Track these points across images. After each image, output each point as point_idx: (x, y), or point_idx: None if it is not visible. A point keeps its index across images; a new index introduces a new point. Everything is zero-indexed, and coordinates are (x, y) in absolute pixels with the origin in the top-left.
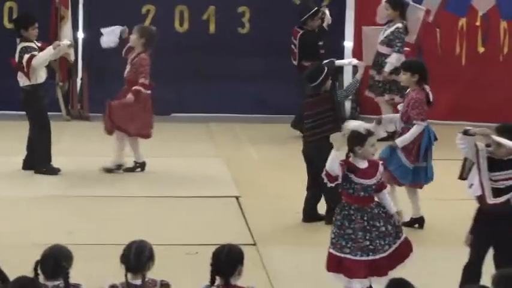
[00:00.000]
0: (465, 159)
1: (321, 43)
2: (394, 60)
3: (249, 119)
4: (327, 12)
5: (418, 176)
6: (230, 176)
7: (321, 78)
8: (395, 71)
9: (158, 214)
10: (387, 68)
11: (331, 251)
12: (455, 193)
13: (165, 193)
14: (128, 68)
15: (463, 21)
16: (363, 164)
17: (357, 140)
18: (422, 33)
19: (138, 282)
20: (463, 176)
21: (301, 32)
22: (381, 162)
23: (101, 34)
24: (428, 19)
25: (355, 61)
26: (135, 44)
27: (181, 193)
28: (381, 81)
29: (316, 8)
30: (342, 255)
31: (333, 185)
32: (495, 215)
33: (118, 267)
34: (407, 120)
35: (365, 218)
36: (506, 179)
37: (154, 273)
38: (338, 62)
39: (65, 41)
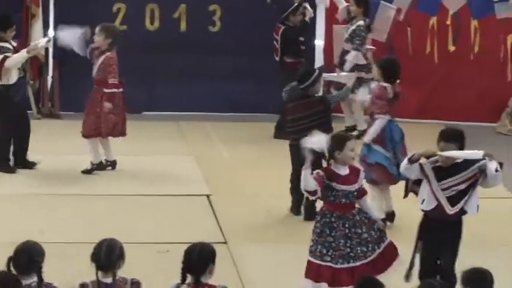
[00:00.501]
0: (407, 180)
1: (302, 39)
2: (351, 57)
3: (220, 117)
4: (308, 6)
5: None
6: (201, 174)
7: (311, 80)
8: (357, 67)
9: (129, 212)
10: (346, 67)
11: (311, 259)
12: None
13: (136, 191)
14: (96, 68)
15: (433, 20)
16: (344, 171)
17: (335, 145)
18: (393, 32)
19: (109, 280)
20: (408, 193)
21: (283, 27)
22: (362, 170)
23: (61, 30)
24: (399, 18)
25: (342, 74)
26: (101, 44)
27: (152, 191)
28: None
29: (296, 4)
30: (323, 263)
31: (313, 198)
32: (441, 221)
33: (89, 265)
34: (371, 115)
35: (346, 226)
36: (456, 185)
37: (125, 272)
38: (326, 76)
39: (43, 40)
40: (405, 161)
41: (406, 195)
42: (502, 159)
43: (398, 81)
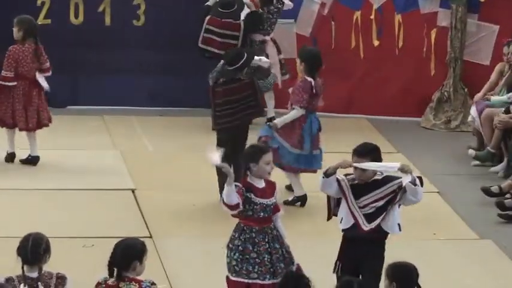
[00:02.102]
0: (328, 198)
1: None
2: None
3: (145, 111)
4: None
5: (311, 163)
6: (126, 168)
7: (240, 63)
8: None
9: (54, 207)
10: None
11: (235, 278)
12: None
13: (61, 186)
14: None
15: (357, 15)
16: (260, 184)
17: (250, 157)
18: (317, 27)
19: (35, 274)
20: (331, 215)
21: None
22: (274, 181)
23: None
24: (324, 12)
25: (264, 59)
26: (16, 37)
27: (77, 186)
28: None
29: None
30: (250, 281)
31: (235, 212)
32: (362, 240)
33: (14, 260)
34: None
35: (267, 240)
36: (374, 201)
37: (50, 266)
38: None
39: None
40: (321, 176)
41: (329, 218)
42: (426, 154)
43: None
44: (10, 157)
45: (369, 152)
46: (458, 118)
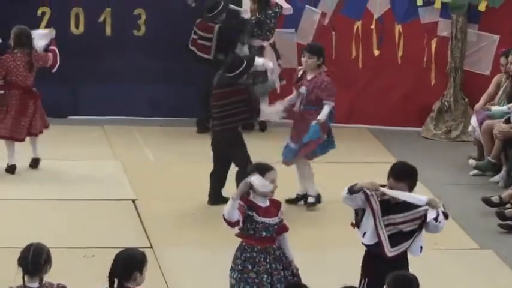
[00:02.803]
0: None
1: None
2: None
3: (146, 121)
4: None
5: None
6: (126, 178)
7: (239, 70)
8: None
9: (55, 217)
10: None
11: None
12: None
13: (61, 196)
14: None
15: (358, 24)
16: (264, 203)
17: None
18: (318, 36)
19: (35, 285)
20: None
21: (218, 26)
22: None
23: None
24: (324, 22)
25: (269, 64)
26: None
27: (78, 196)
28: None
29: (223, 3)
30: None
31: (235, 229)
32: (384, 259)
33: (15, 270)
34: (315, 101)
35: (268, 260)
36: (399, 223)
37: (51, 277)
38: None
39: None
40: (345, 190)
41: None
42: (426, 164)
43: None
44: (11, 169)
45: (407, 177)
46: (458, 128)
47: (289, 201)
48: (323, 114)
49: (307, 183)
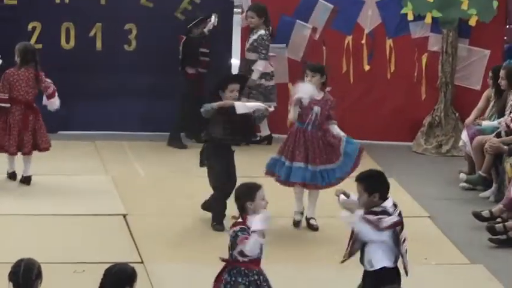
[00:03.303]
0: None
1: (205, 50)
2: (260, 67)
3: (136, 136)
4: (213, 18)
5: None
6: (117, 193)
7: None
8: (265, 76)
9: (45, 232)
10: (255, 76)
11: None
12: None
13: (52, 211)
14: None
15: (349, 39)
16: None
17: (245, 195)
18: (309, 51)
19: None
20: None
21: (184, 38)
22: None
23: None
24: (315, 37)
25: (250, 105)
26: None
27: (69, 211)
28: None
29: (200, 17)
30: None
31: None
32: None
33: (6, 286)
34: (327, 119)
35: (264, 283)
36: None
37: None
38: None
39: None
40: (343, 213)
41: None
42: (417, 178)
43: None
44: (12, 176)
45: (362, 179)
46: (449, 143)
47: None
48: (340, 132)
49: (313, 206)
